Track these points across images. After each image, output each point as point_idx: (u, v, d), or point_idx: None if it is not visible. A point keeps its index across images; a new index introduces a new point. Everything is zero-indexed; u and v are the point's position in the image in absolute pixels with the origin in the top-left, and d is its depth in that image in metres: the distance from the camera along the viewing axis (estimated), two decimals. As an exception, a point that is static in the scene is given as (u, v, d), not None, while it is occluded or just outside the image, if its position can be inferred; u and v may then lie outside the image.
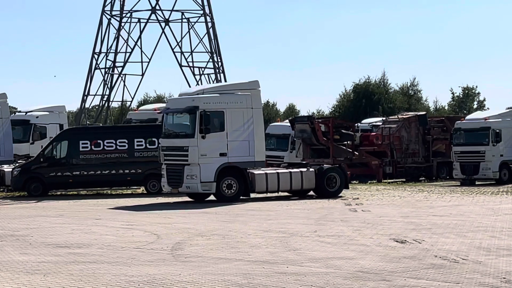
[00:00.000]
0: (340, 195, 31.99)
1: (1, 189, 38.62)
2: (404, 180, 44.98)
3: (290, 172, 31.28)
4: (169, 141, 30.29)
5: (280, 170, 31.56)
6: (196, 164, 29.18)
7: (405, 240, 17.72)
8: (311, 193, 32.24)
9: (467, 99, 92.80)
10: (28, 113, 44.42)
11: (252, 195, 31.10)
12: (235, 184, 29.92)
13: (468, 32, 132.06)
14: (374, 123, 52.72)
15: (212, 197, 30.56)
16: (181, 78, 45.64)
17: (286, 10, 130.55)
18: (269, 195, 31.69)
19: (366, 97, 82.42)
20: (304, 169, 31.72)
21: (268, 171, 30.81)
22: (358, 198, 31.14)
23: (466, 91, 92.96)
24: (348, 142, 45.39)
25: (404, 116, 48.56)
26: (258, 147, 30.63)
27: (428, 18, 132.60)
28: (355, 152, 44.95)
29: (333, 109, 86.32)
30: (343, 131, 45.61)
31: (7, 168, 37.76)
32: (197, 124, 29.09)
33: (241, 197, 30.37)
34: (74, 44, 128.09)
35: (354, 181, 44.04)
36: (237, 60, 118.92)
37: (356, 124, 49.44)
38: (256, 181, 30.17)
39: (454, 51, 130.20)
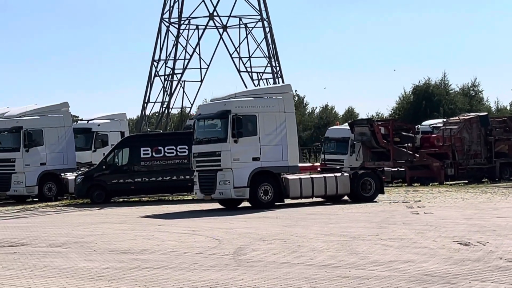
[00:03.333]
0: (376, 200, 31.33)
1: (65, 197, 39.24)
2: (467, 181, 44.41)
3: (325, 177, 30.81)
4: (201, 147, 29.74)
5: (314, 175, 31.04)
6: (229, 169, 28.71)
7: (469, 243, 17.49)
8: (345, 198, 31.76)
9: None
10: (90, 121, 45.00)
11: (286, 201, 30.58)
12: (270, 190, 29.41)
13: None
14: (434, 125, 52.19)
15: (243, 204, 30.11)
16: (239, 83, 45.81)
17: (343, 13, 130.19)
18: (303, 200, 31.13)
19: (426, 99, 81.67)
20: (339, 174, 31.28)
21: (302, 176, 30.35)
22: (420, 201, 30.84)
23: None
24: (409, 144, 45.06)
25: (465, 117, 47.97)
26: (291, 151, 30.03)
27: (488, 18, 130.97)
28: (416, 154, 44.57)
29: (392, 111, 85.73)
30: (403, 133, 45.32)
31: (70, 176, 38.36)
32: (229, 128, 28.66)
33: (275, 203, 29.83)
34: (134, 52, 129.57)
35: (416, 184, 43.70)
36: (295, 64, 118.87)
37: (416, 126, 48.99)
38: (290, 187, 29.68)
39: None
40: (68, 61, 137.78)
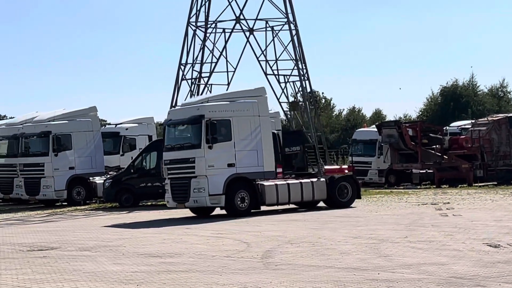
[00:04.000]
0: (352, 205, 30.66)
1: (93, 201, 39.45)
2: (496, 183, 44.08)
3: (301, 182, 29.83)
4: (173, 154, 28.63)
5: (291, 181, 29.87)
6: (204, 176, 27.52)
7: (499, 245, 17.36)
8: (321, 204, 31.01)
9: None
10: (117, 126, 45.21)
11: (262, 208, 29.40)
12: (247, 197, 28.31)
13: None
14: (463, 126, 51.94)
15: (217, 211, 29.16)
16: (266, 86, 45.70)
17: (369, 15, 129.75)
18: (279, 207, 30.17)
19: (454, 100, 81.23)
20: (315, 179, 30.40)
21: (278, 182, 29.25)
22: (449, 203, 30.68)
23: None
24: (437, 146, 44.89)
25: (494, 118, 47.66)
26: (266, 156, 28.95)
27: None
28: (445, 156, 44.38)
29: (420, 113, 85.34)
30: (431, 135, 45.17)
31: (98, 180, 38.57)
32: (203, 134, 27.52)
33: (251, 211, 28.64)
34: (161, 56, 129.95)
35: (444, 185, 43.50)
36: (321, 66, 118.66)
37: (444, 128, 48.81)
38: (266, 193, 28.63)
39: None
40: (95, 66, 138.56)
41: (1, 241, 22.83)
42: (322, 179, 30.46)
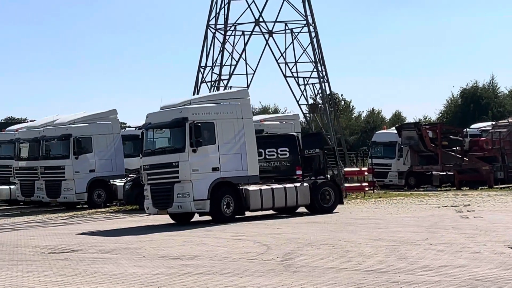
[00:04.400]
0: (335, 211, 29.72)
1: (114, 203, 39.59)
2: (516, 185, 43.91)
3: (285, 187, 28.83)
4: (154, 158, 27.58)
5: (275, 186, 28.73)
6: (188, 181, 26.50)
7: (520, 247, 17.29)
8: (302, 209, 29.96)
9: None
10: (138, 128, 45.36)
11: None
12: (231, 202, 27.41)
13: None
14: (483, 128, 51.74)
15: (196, 218, 28.28)
16: (286, 88, 45.68)
17: (388, 17, 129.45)
18: (259, 213, 29.02)
19: (474, 102, 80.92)
20: (298, 184, 29.36)
21: (262, 187, 28.17)
22: (469, 205, 30.57)
23: None
24: (457, 148, 44.74)
25: (514, 120, 47.47)
26: (250, 160, 28.10)
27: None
28: (465, 158, 44.24)
29: (440, 115, 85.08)
30: (451, 136, 45.04)
31: (119, 182, 38.71)
32: (187, 137, 26.53)
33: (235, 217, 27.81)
34: (181, 58, 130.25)
35: (465, 188, 43.34)
36: (341, 68, 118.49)
37: (464, 130, 48.63)
38: (251, 198, 27.59)
39: None
40: (116, 69, 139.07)
41: (22, 243, 22.97)
42: (305, 184, 29.47)
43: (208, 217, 27.80)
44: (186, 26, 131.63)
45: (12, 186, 42.47)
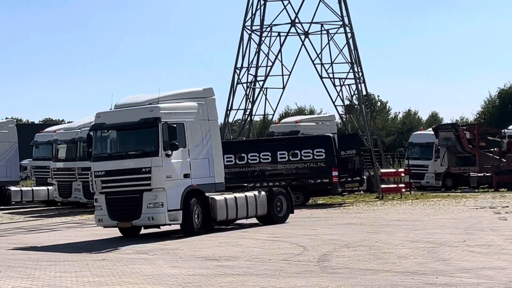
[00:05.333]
0: (286, 221, 26.91)
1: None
2: (556, 186, 43.38)
3: (246, 196, 25.74)
4: (113, 163, 23.81)
5: (237, 194, 25.54)
6: (161, 189, 23.19)
7: (560, 249, 17.10)
8: (253, 220, 26.79)
9: None
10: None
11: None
12: (200, 213, 24.18)
13: None
14: (522, 129, 51.20)
15: (144, 230, 24.83)
16: (321, 89, 45.71)
17: (424, 19, 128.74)
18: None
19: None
20: (256, 192, 26.32)
21: (226, 196, 25.09)
22: (507, 206, 30.29)
23: None
24: (495, 149, 44.35)
25: (553, 120, 46.93)
26: (217, 166, 25.20)
27: None
28: (503, 159, 43.81)
29: (477, 115, 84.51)
30: (489, 137, 44.68)
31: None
32: (160, 139, 23.24)
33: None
34: (217, 60, 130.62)
35: (503, 189, 42.94)
36: (377, 69, 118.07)
37: (502, 130, 48.16)
38: (218, 208, 24.52)
39: None
40: (152, 70, 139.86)
41: (60, 244, 23.17)
42: (262, 193, 26.41)
43: (159, 230, 25.28)
44: (223, 28, 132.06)
45: (49, 187, 42.86)
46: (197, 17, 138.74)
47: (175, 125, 23.54)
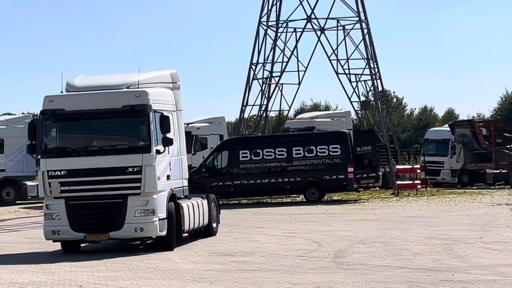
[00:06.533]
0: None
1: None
2: None
3: (197, 202, 21.36)
4: (81, 161, 19.03)
5: (193, 201, 21.18)
6: (152, 193, 18.82)
7: None
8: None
9: None
10: (189, 125, 45.48)
11: None
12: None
13: None
14: (538, 126, 50.95)
15: (86, 246, 20.54)
16: (337, 85, 45.61)
17: (440, 14, 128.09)
18: None
19: (529, 99, 79.88)
20: (199, 199, 21.81)
21: (188, 202, 20.80)
22: (524, 203, 30.19)
23: None
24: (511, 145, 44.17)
25: None
26: (184, 166, 21.63)
27: None
28: (519, 156, 43.64)
29: (494, 112, 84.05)
30: (505, 134, 44.49)
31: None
32: (151, 132, 18.94)
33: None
34: (232, 55, 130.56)
35: (519, 186, 42.77)
36: (393, 65, 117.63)
37: (519, 127, 47.91)
38: (185, 216, 20.18)
39: None
40: (168, 66, 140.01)
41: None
42: (204, 200, 22.00)
43: (99, 246, 20.63)
44: (238, 23, 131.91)
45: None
46: (213, 13, 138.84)
47: (167, 115, 19.38)
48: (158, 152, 19.02)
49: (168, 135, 19.13)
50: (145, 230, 18.83)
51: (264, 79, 46.30)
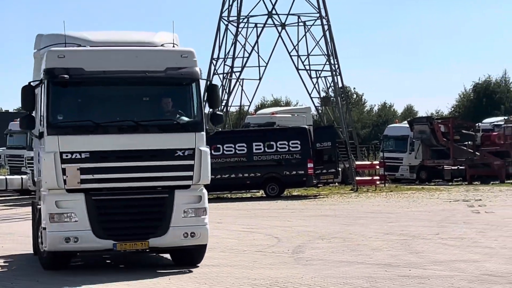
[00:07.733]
0: None
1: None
2: (528, 180, 43.75)
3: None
4: (110, 139, 14.24)
5: None
6: (201, 186, 14.85)
7: (532, 242, 17.24)
8: None
9: None
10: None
11: None
12: None
13: None
14: (495, 123, 51.50)
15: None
16: (298, 81, 45.78)
17: (399, 11, 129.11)
18: None
19: (487, 96, 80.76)
20: None
21: None
22: (481, 200, 30.48)
23: None
24: (469, 142, 44.65)
25: (527, 115, 47.29)
26: None
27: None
28: (477, 153, 44.12)
29: (452, 109, 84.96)
30: (463, 131, 44.96)
31: None
32: (201, 105, 14.92)
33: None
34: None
35: (476, 182, 43.23)
36: (353, 62, 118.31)
37: (477, 124, 48.47)
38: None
39: None
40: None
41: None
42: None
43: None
44: (199, 18, 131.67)
45: (23, 176, 42.56)
46: (174, 7, 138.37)
47: (216, 84, 15.75)
48: (208, 132, 15.05)
49: (217, 111, 15.36)
50: (196, 236, 14.59)
51: (224, 74, 46.32)
